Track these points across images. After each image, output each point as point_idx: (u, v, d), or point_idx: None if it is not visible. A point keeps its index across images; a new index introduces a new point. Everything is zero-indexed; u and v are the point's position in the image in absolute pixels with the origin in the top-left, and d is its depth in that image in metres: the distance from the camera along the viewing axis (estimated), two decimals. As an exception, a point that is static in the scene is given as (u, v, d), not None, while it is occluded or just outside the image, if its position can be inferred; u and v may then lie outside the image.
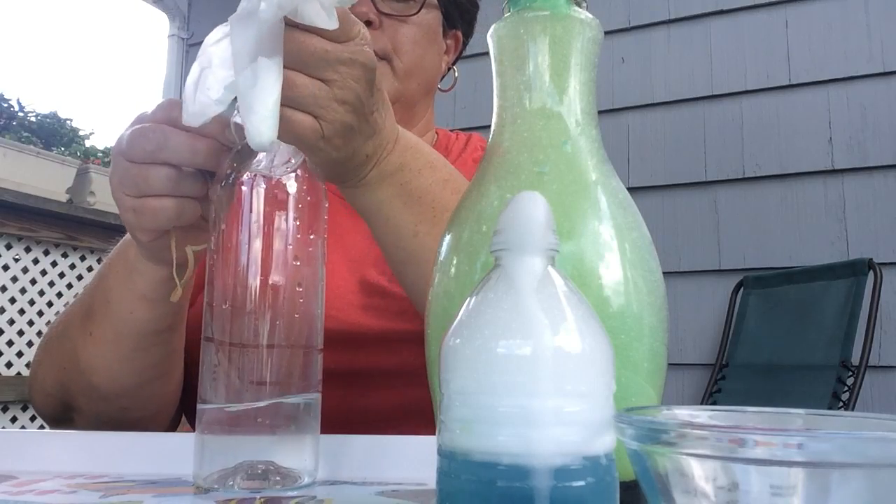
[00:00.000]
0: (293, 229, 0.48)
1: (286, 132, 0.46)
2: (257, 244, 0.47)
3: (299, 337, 0.47)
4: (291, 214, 0.48)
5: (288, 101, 0.45)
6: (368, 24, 0.77)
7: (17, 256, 2.45)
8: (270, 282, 0.47)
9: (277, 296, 0.47)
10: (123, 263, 0.60)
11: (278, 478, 0.44)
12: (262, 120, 0.43)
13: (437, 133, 0.93)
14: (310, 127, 0.47)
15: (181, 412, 0.76)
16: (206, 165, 0.51)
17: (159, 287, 0.58)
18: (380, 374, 0.72)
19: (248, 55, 0.43)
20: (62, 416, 0.68)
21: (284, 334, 0.47)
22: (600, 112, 0.43)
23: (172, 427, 0.76)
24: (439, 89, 0.91)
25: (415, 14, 0.81)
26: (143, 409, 0.66)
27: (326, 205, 0.51)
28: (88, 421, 0.67)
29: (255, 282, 0.47)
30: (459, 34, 0.91)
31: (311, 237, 0.49)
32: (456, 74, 0.92)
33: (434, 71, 0.86)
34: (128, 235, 0.60)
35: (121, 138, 0.52)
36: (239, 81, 0.43)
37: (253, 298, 0.46)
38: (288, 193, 0.48)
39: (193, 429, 0.47)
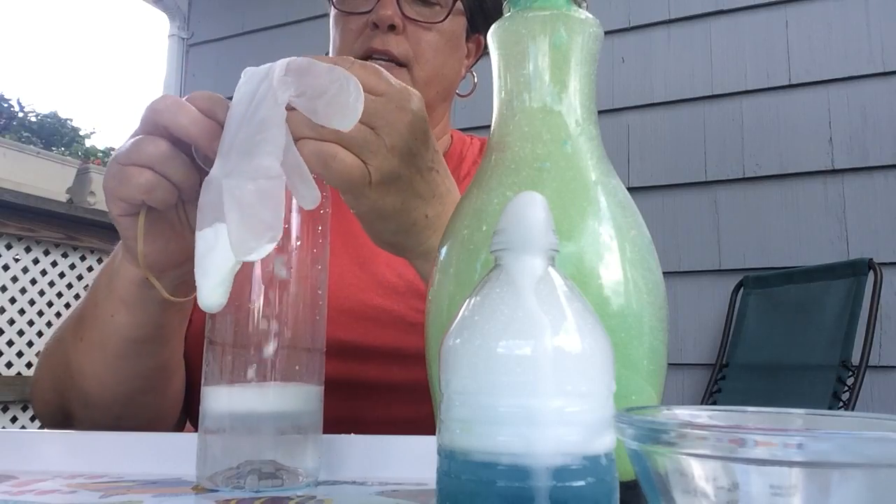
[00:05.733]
0: (299, 230, 0.48)
1: (333, 173, 0.46)
2: None
3: (302, 337, 0.47)
4: (296, 216, 0.48)
5: (338, 142, 0.45)
6: (392, 28, 0.75)
7: (17, 256, 2.45)
8: (273, 282, 0.47)
9: (279, 296, 0.47)
10: (111, 266, 0.61)
11: (281, 478, 0.44)
12: (214, 286, 0.43)
13: (451, 136, 0.92)
14: (357, 169, 0.47)
15: (184, 417, 0.75)
16: (200, 144, 0.49)
17: (134, 290, 0.57)
18: (398, 388, 0.72)
19: (212, 211, 0.43)
20: (62, 423, 0.68)
21: (287, 334, 0.47)
22: (600, 112, 0.43)
23: (177, 430, 0.76)
24: (458, 94, 0.89)
25: (441, 21, 0.78)
26: (136, 419, 0.66)
27: (329, 210, 0.51)
28: (86, 429, 0.66)
29: (257, 282, 0.47)
30: (482, 38, 0.88)
31: (319, 241, 0.49)
32: (475, 80, 0.90)
33: (454, 77, 0.84)
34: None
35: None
36: (199, 242, 0.43)
37: (255, 298, 0.46)
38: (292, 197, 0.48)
39: (196, 430, 0.47)
